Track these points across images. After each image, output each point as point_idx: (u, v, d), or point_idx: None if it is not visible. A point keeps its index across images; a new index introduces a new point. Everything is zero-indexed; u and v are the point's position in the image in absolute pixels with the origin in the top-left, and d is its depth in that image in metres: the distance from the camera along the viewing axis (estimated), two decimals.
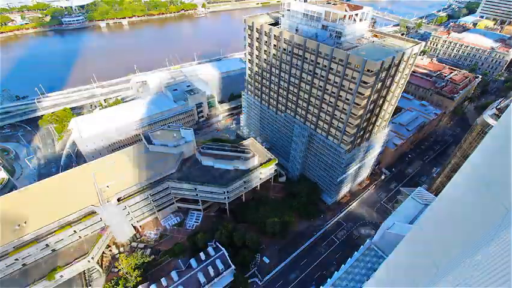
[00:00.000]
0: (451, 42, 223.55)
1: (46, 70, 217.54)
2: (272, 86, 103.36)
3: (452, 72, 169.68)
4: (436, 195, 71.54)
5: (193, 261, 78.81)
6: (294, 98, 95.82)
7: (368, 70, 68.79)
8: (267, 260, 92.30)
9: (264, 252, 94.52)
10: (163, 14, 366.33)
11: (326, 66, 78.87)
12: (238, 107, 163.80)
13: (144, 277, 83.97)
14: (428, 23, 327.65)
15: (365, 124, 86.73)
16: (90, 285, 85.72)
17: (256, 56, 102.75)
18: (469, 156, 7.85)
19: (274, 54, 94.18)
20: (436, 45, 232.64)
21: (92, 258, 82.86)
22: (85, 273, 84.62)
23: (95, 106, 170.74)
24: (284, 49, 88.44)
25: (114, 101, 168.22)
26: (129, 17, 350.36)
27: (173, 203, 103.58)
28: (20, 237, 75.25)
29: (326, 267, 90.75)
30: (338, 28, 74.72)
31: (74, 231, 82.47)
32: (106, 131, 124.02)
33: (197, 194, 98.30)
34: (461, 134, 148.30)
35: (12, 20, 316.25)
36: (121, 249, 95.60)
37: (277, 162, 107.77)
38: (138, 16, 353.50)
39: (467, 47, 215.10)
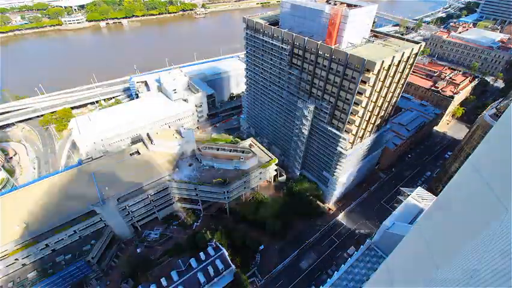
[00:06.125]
0: (450, 42, 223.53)
1: (46, 70, 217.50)
2: (272, 85, 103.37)
3: (452, 72, 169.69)
4: (436, 195, 71.58)
5: (193, 261, 78.76)
6: (294, 98, 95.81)
7: (368, 70, 68.84)
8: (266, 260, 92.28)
9: (264, 252, 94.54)
10: (162, 14, 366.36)
11: (325, 66, 78.92)
12: (238, 107, 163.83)
13: (144, 277, 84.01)
14: (428, 23, 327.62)
15: (364, 124, 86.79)
16: (90, 285, 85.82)
17: (256, 55, 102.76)
18: (469, 156, 7.85)
19: (274, 54, 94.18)
20: (436, 45, 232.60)
21: (92, 258, 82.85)
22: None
23: (95, 106, 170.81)
24: (284, 49, 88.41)
25: (114, 101, 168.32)
26: (129, 17, 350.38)
27: (173, 203, 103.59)
28: (19, 237, 75.29)
29: (326, 267, 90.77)
30: (338, 27, 74.61)
31: (74, 231, 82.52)
32: (106, 131, 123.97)
33: (197, 194, 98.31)
34: (460, 134, 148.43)
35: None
36: (121, 248, 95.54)
37: (277, 162, 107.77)
38: (138, 16, 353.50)
39: (467, 47, 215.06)
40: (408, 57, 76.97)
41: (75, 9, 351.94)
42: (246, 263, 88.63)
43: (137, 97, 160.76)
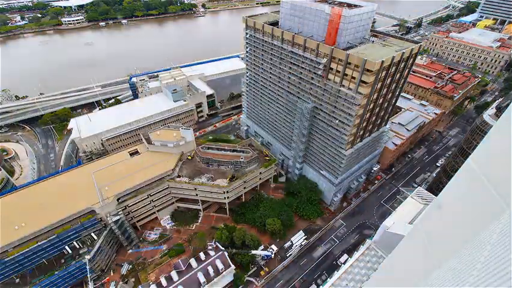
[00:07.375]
0: (450, 42, 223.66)
1: (46, 70, 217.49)
2: (272, 85, 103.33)
3: (452, 72, 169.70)
4: (436, 195, 71.33)
5: (193, 261, 78.81)
6: (294, 97, 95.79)
7: (368, 70, 68.83)
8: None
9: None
10: (162, 13, 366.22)
11: (326, 66, 78.85)
12: (238, 107, 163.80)
13: (144, 277, 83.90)
14: (428, 23, 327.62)
15: (364, 124, 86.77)
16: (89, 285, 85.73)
17: (256, 55, 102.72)
18: (469, 156, 7.84)
19: (274, 54, 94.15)
20: (436, 45, 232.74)
21: (92, 258, 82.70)
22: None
23: (95, 106, 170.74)
24: (284, 48, 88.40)
25: (113, 101, 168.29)
26: (129, 17, 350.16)
27: (173, 203, 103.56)
28: (19, 237, 75.24)
29: (326, 267, 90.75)
30: (338, 27, 74.62)
31: (74, 231, 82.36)
32: (106, 131, 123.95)
33: (197, 194, 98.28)
34: (460, 134, 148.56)
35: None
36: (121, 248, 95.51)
37: (277, 162, 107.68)
38: (138, 16, 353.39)
39: (467, 47, 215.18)
40: (408, 57, 76.97)
41: (74, 9, 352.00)
42: (246, 263, 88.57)
43: (137, 97, 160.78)
